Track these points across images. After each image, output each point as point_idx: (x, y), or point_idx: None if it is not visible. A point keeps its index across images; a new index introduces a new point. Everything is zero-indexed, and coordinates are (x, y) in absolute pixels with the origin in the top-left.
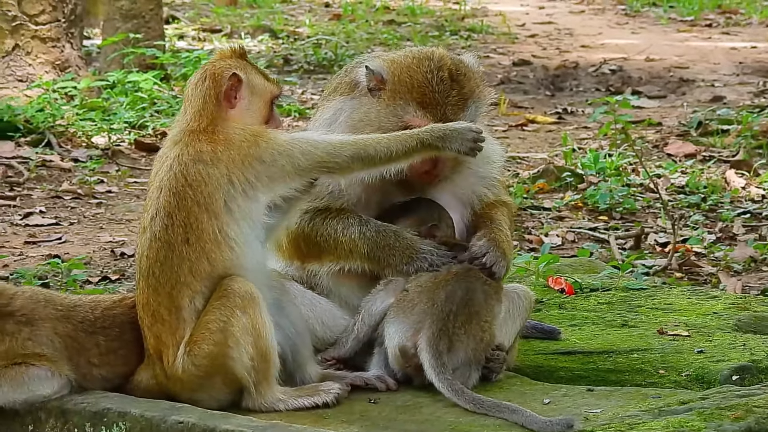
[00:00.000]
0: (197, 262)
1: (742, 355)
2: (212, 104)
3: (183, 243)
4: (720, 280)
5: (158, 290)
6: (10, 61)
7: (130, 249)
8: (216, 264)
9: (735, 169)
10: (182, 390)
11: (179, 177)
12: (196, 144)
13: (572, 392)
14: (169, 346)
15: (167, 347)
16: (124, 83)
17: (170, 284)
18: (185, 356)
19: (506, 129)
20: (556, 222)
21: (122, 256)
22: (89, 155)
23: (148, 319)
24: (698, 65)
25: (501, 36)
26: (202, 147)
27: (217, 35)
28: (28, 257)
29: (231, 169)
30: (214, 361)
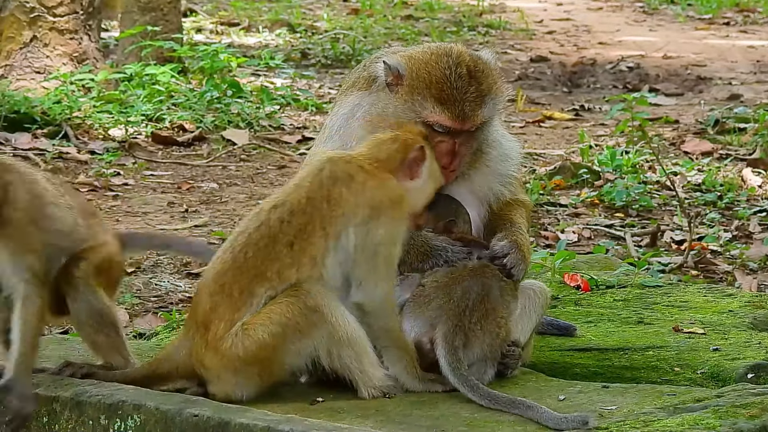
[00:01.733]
0: (288, 267)
1: (758, 353)
2: (394, 163)
3: (287, 245)
4: (736, 278)
5: (241, 270)
6: (28, 52)
7: None
8: (301, 277)
9: (752, 168)
10: (214, 366)
11: (322, 185)
12: (354, 169)
13: (587, 389)
14: (224, 320)
15: (221, 320)
16: (141, 76)
17: (255, 271)
18: (239, 333)
19: (523, 125)
20: (573, 219)
21: None
22: (106, 147)
23: (214, 287)
24: (716, 63)
25: (519, 32)
26: (358, 175)
27: (234, 29)
28: None
29: (364, 210)
30: (261, 351)
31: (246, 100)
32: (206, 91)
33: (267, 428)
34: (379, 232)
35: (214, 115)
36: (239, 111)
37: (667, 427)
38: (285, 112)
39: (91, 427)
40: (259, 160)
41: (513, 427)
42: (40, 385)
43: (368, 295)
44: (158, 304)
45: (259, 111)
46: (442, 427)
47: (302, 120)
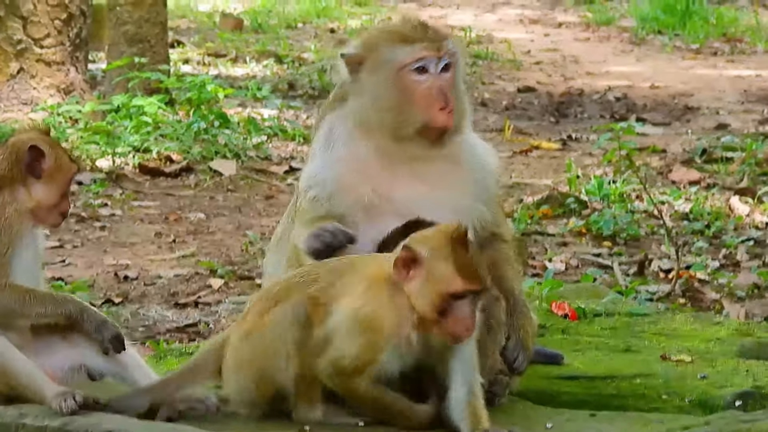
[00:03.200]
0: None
1: (746, 381)
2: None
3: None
4: (723, 306)
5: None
6: (15, 84)
7: (134, 272)
8: None
9: (739, 196)
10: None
11: None
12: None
13: (575, 417)
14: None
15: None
16: (128, 107)
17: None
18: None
19: (510, 155)
20: (560, 248)
21: (126, 279)
22: (93, 178)
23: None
24: (703, 93)
25: (506, 63)
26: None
27: (222, 60)
28: None
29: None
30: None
31: (233, 131)
32: (193, 122)
33: None
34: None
35: (201, 146)
36: (226, 142)
37: None
38: (272, 143)
39: None
40: (246, 191)
41: None
42: (26, 415)
43: None
44: (146, 333)
45: (246, 142)
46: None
47: (289, 150)
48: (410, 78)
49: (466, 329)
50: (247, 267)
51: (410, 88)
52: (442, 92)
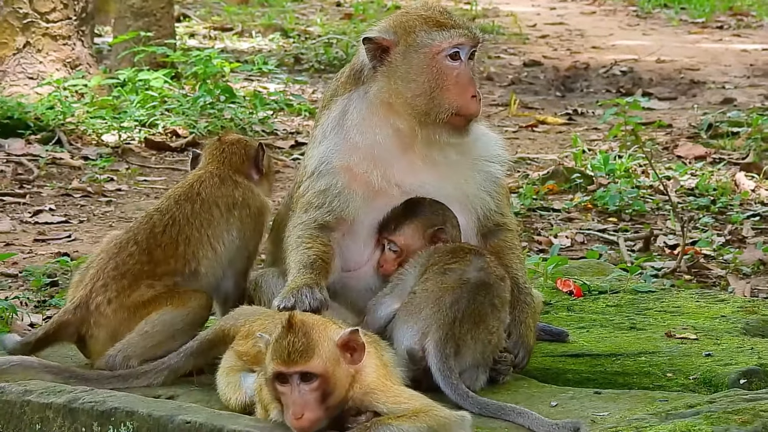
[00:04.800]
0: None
1: (750, 359)
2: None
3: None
4: (729, 282)
5: None
6: (21, 58)
7: None
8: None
9: (745, 172)
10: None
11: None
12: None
13: (580, 395)
14: None
15: None
16: (134, 81)
17: None
18: None
19: (516, 130)
20: (566, 223)
21: None
22: (99, 153)
23: None
24: (709, 67)
25: (512, 36)
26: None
27: (228, 34)
28: (37, 255)
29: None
30: None
31: (239, 106)
32: (199, 97)
33: None
34: None
35: (207, 121)
36: (232, 116)
37: None
38: (278, 117)
39: None
40: None
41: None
42: (33, 392)
43: None
44: None
45: (252, 116)
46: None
47: (295, 125)
48: (445, 63)
49: (297, 418)
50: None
51: (445, 74)
52: (473, 80)
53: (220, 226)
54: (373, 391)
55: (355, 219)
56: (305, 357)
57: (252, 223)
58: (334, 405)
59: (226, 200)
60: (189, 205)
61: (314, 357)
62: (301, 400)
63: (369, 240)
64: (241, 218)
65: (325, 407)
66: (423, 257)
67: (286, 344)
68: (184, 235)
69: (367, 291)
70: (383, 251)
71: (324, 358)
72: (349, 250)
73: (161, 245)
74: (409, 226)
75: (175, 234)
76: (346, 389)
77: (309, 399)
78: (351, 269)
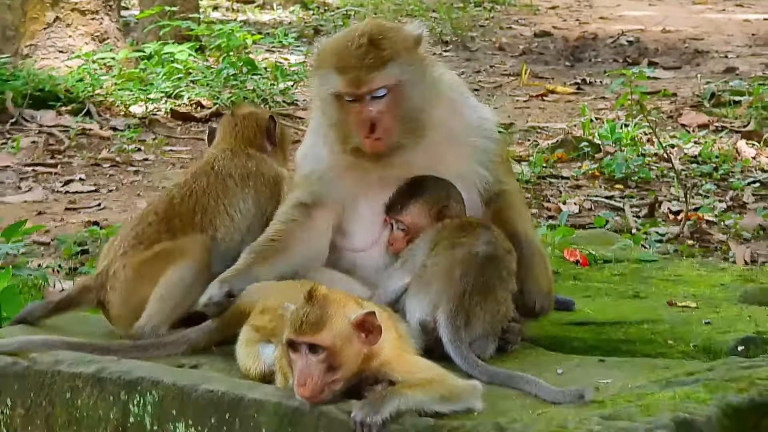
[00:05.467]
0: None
1: (748, 327)
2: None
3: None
4: (730, 247)
5: None
6: (51, 32)
7: None
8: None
9: (746, 140)
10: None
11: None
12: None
13: (585, 363)
14: None
15: None
16: (160, 54)
17: None
18: None
19: (527, 99)
20: (574, 190)
21: None
22: (127, 124)
23: None
24: (712, 37)
25: (523, 8)
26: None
27: (249, 6)
28: (68, 223)
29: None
30: None
31: (261, 77)
32: (223, 69)
33: (278, 403)
34: None
35: (230, 92)
36: (254, 87)
37: (660, 401)
38: (298, 88)
39: (111, 403)
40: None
41: (513, 401)
42: (63, 362)
43: None
44: None
45: (273, 87)
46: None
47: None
48: (342, 103)
49: (300, 385)
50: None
51: (342, 113)
52: (368, 122)
53: (236, 196)
54: (389, 361)
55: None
56: (314, 329)
57: (267, 191)
58: (344, 378)
59: (240, 171)
60: (205, 179)
61: (323, 331)
62: (306, 369)
63: (375, 221)
64: (256, 188)
65: (332, 379)
66: (432, 233)
67: (301, 314)
68: (201, 205)
69: (378, 268)
70: (392, 230)
71: (333, 334)
72: (357, 231)
73: (179, 215)
74: (414, 205)
75: (192, 204)
76: (357, 365)
77: (314, 369)
78: (361, 249)
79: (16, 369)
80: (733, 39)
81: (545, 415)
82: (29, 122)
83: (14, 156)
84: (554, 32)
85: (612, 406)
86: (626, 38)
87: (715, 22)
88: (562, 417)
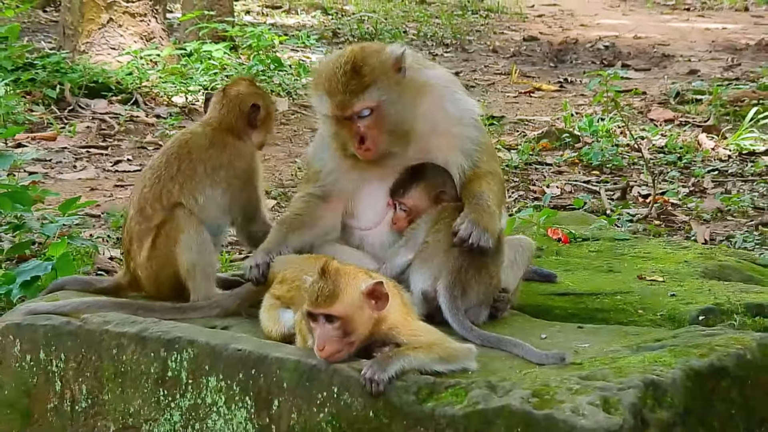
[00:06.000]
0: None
1: (708, 299)
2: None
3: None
4: (692, 227)
5: None
6: (105, 32)
7: None
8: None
9: (706, 133)
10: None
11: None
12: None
13: (565, 329)
14: None
15: None
16: (199, 52)
17: None
18: None
19: (516, 95)
20: (557, 175)
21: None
22: (169, 112)
23: None
24: (678, 43)
25: (513, 15)
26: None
27: (277, 11)
28: (117, 199)
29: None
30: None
31: (286, 73)
32: (253, 65)
33: (297, 361)
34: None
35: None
36: (280, 82)
37: (631, 364)
38: None
39: (152, 359)
40: (296, 124)
41: (503, 361)
42: (110, 322)
43: None
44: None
45: (297, 82)
46: None
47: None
48: (336, 120)
49: (320, 350)
50: (296, 190)
51: (337, 128)
52: (358, 136)
53: (202, 182)
54: (395, 326)
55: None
56: (329, 301)
57: (239, 182)
58: (358, 340)
59: (212, 162)
60: (176, 164)
61: (337, 302)
62: (325, 336)
63: (380, 203)
64: (227, 179)
65: (347, 342)
66: (432, 214)
67: (316, 288)
68: (166, 190)
69: (383, 245)
70: (395, 211)
71: (346, 304)
72: (364, 213)
73: (148, 202)
74: (415, 189)
75: (158, 191)
76: (368, 329)
77: (332, 335)
78: (368, 228)
79: (69, 328)
80: (695, 45)
81: (531, 374)
82: (84, 110)
83: (71, 139)
84: (541, 37)
85: (589, 368)
86: (603, 43)
87: (680, 30)
88: (545, 376)
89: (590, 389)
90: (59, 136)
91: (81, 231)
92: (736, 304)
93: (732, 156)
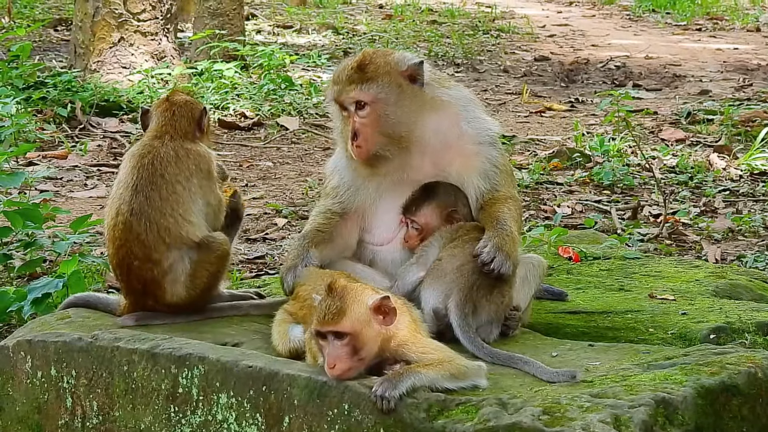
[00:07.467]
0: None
1: (719, 317)
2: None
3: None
4: (702, 247)
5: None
6: (116, 51)
7: None
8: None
9: (717, 153)
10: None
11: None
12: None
13: (576, 347)
14: None
15: None
16: (210, 71)
17: None
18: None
19: (527, 115)
20: (567, 195)
21: None
22: None
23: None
24: (689, 63)
25: (525, 35)
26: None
27: (288, 31)
28: None
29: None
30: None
31: (297, 92)
32: (264, 84)
33: (309, 378)
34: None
35: (270, 105)
36: (291, 101)
37: (642, 382)
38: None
39: (163, 375)
40: (307, 143)
41: (513, 379)
42: (121, 338)
43: None
44: None
45: (308, 101)
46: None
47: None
48: (338, 111)
49: (330, 368)
50: (306, 208)
51: (341, 122)
52: (353, 129)
53: (186, 202)
54: (405, 343)
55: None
56: (337, 319)
57: (207, 183)
58: (367, 357)
59: (185, 174)
60: (156, 194)
61: (345, 319)
62: (334, 353)
63: (392, 220)
64: (200, 185)
65: (357, 359)
66: (445, 232)
67: (324, 307)
68: (163, 228)
69: (394, 261)
70: (407, 229)
71: (353, 319)
72: (377, 229)
73: (151, 248)
74: (427, 207)
75: (155, 233)
76: (378, 345)
77: (341, 353)
78: (380, 244)
79: (80, 344)
80: (706, 65)
81: (541, 392)
82: (95, 128)
83: (82, 157)
84: (552, 57)
85: (600, 386)
86: (614, 63)
87: (692, 51)
88: (556, 394)
89: (601, 407)
90: (70, 154)
91: (92, 248)
92: (747, 323)
93: (743, 176)
